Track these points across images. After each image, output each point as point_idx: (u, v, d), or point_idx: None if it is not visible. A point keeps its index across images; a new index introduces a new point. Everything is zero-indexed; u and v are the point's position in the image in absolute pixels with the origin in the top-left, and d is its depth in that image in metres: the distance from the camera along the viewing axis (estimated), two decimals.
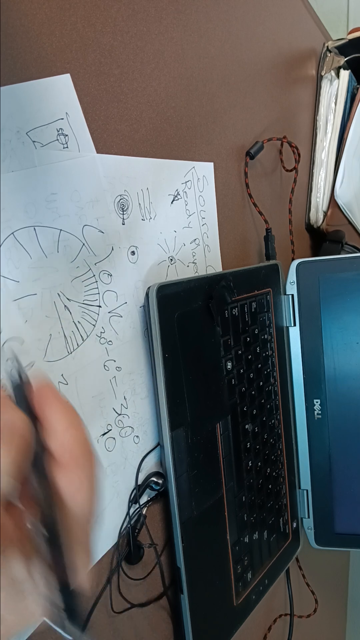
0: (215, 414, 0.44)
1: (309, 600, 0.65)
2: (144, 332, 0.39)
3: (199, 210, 0.46)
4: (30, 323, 0.30)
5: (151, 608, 0.40)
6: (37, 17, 0.30)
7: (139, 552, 0.39)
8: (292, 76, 0.65)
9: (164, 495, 0.40)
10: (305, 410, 0.56)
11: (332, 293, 0.54)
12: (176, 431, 0.39)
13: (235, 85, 0.52)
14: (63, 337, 0.32)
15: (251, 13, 0.55)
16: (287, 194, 0.64)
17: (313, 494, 0.57)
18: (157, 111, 0.41)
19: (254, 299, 0.50)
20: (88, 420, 0.34)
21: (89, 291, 0.34)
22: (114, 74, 0.36)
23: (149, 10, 0.39)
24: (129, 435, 0.38)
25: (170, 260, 0.42)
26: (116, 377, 0.37)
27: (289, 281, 0.55)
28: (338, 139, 0.72)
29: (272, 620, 0.61)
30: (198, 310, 0.42)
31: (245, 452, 0.48)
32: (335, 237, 0.72)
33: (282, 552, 0.54)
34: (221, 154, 0.50)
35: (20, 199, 0.29)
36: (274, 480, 0.53)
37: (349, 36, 0.73)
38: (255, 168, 0.57)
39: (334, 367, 0.55)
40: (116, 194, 0.36)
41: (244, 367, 0.48)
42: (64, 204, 0.32)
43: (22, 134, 0.29)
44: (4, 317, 0.29)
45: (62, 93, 0.32)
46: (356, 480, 0.56)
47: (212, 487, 0.43)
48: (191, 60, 0.45)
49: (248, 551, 0.48)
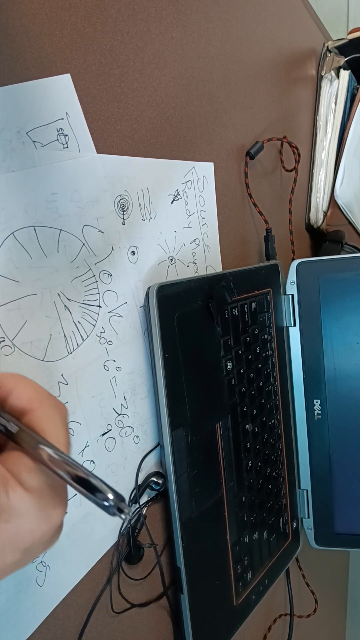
0: (215, 414, 0.44)
1: (309, 600, 0.65)
2: (144, 332, 0.39)
3: (199, 210, 0.46)
4: (30, 323, 0.30)
5: (151, 608, 0.40)
6: (37, 17, 0.30)
7: (139, 552, 0.39)
8: (292, 76, 0.65)
9: (164, 495, 0.40)
10: (305, 410, 0.56)
11: (332, 293, 0.54)
12: (176, 431, 0.39)
13: (235, 85, 0.52)
14: (63, 337, 0.32)
15: (251, 13, 0.55)
16: (287, 194, 0.64)
17: (313, 494, 0.57)
18: (157, 111, 0.41)
19: (254, 299, 0.50)
20: (88, 420, 0.34)
21: (89, 291, 0.34)
22: (114, 74, 0.36)
23: (149, 10, 0.39)
24: (129, 435, 0.38)
25: (170, 260, 0.42)
26: (116, 377, 0.37)
27: (289, 281, 0.55)
28: (338, 139, 0.72)
29: (272, 620, 0.61)
30: (198, 310, 0.42)
31: (245, 452, 0.48)
32: (335, 237, 0.72)
33: (282, 552, 0.54)
34: (221, 154, 0.50)
35: (20, 199, 0.29)
36: (274, 480, 0.53)
37: (349, 36, 0.73)
38: (255, 168, 0.57)
39: (334, 367, 0.55)
40: (116, 194, 0.36)
41: (244, 367, 0.48)
42: (64, 204, 0.32)
43: (23, 134, 0.29)
44: (4, 317, 0.29)
45: (62, 93, 0.32)
46: (356, 480, 0.56)
47: (212, 487, 0.43)
48: (191, 60, 0.45)
49: (248, 551, 0.48)
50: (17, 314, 0.30)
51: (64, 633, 0.34)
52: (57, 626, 0.33)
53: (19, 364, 0.30)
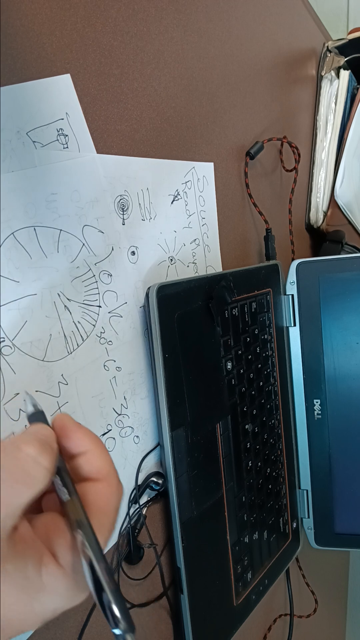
0: (215, 414, 0.44)
1: (309, 600, 0.65)
2: (144, 332, 0.39)
3: (199, 210, 0.46)
4: (30, 323, 0.30)
5: (151, 608, 0.40)
6: (37, 17, 0.30)
7: (139, 552, 0.39)
8: (292, 76, 0.65)
9: (164, 495, 0.40)
10: (305, 410, 0.56)
11: (332, 293, 0.54)
12: (176, 431, 0.39)
13: (235, 85, 0.52)
14: (63, 337, 0.32)
15: (251, 13, 0.55)
16: (287, 194, 0.64)
17: (313, 494, 0.57)
18: (157, 111, 0.41)
19: (254, 299, 0.50)
20: (88, 420, 0.34)
21: (89, 291, 0.34)
22: (114, 74, 0.36)
23: (149, 10, 0.39)
24: (129, 435, 0.38)
25: (170, 260, 0.42)
26: (116, 377, 0.37)
27: (289, 281, 0.55)
28: (338, 139, 0.72)
29: (272, 620, 0.61)
30: (198, 310, 0.42)
31: (245, 452, 0.48)
32: (335, 237, 0.72)
33: (282, 552, 0.54)
34: (221, 154, 0.50)
35: (20, 199, 0.29)
36: (274, 480, 0.53)
37: (349, 36, 0.73)
38: (255, 168, 0.57)
39: (334, 367, 0.55)
40: (116, 194, 0.36)
41: (244, 367, 0.48)
42: (64, 204, 0.32)
43: (22, 134, 0.29)
44: (4, 317, 0.29)
45: (62, 93, 0.32)
46: (356, 480, 0.56)
47: (212, 487, 0.43)
48: (191, 60, 0.45)
49: (248, 551, 0.48)
50: (17, 314, 0.30)
51: (64, 633, 0.34)
52: (57, 626, 0.33)
53: (19, 364, 0.30)
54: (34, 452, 0.21)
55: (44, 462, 0.21)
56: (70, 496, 0.22)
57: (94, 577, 0.20)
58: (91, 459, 0.23)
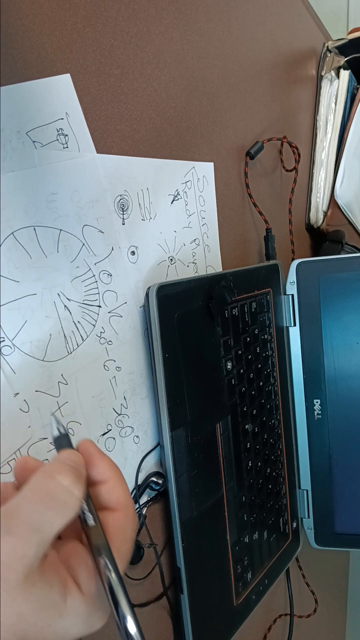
0: (215, 414, 0.44)
1: (309, 600, 0.65)
2: (144, 332, 0.39)
3: (199, 210, 0.46)
4: (30, 323, 0.30)
5: (151, 608, 0.40)
6: (37, 17, 0.30)
7: (139, 552, 0.39)
8: (292, 76, 0.65)
9: (164, 495, 0.40)
10: (305, 410, 0.56)
11: (332, 293, 0.54)
12: (176, 431, 0.39)
13: (235, 85, 0.52)
14: (63, 337, 0.32)
15: (251, 13, 0.55)
16: (287, 194, 0.64)
17: (313, 494, 0.57)
18: (157, 111, 0.41)
19: (254, 299, 0.50)
20: (88, 420, 0.34)
21: (89, 291, 0.34)
22: (114, 74, 0.36)
23: (149, 10, 0.39)
24: (129, 435, 0.38)
25: (170, 260, 0.42)
26: (116, 377, 0.37)
27: (289, 281, 0.55)
28: (338, 139, 0.72)
29: (272, 620, 0.61)
30: (198, 310, 0.42)
31: (245, 452, 0.48)
32: (335, 237, 0.72)
33: (282, 552, 0.54)
34: (221, 154, 0.50)
35: (20, 199, 0.29)
36: (274, 480, 0.53)
37: (349, 36, 0.73)
38: (255, 168, 0.57)
39: (334, 367, 0.55)
40: (116, 194, 0.36)
41: (244, 367, 0.48)
42: (64, 204, 0.32)
43: (22, 134, 0.29)
44: (4, 317, 0.29)
45: (62, 93, 0.32)
46: (356, 480, 0.56)
47: (212, 487, 0.43)
48: (191, 60, 0.45)
49: (248, 551, 0.48)
50: (17, 314, 0.30)
51: None
52: None
53: (19, 364, 0.30)
54: (67, 482, 0.22)
55: (77, 492, 0.22)
56: (95, 522, 0.23)
57: (113, 599, 0.21)
58: (112, 488, 0.24)
